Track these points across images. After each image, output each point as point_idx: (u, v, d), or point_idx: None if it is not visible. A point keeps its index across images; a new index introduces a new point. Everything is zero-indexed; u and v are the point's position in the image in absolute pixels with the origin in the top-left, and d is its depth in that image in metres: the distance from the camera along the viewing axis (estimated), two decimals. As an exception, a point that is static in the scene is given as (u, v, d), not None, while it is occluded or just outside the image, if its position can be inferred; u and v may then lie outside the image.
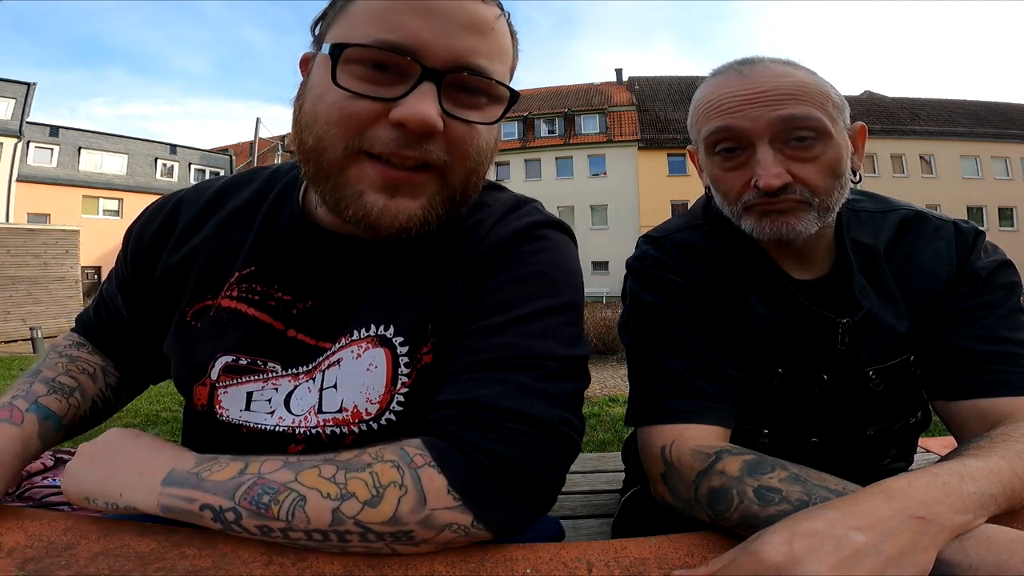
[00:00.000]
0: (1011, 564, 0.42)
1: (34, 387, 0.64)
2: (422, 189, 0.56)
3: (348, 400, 0.61)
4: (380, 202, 0.54)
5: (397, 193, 0.55)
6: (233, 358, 0.63)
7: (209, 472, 0.49)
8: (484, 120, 0.57)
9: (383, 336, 0.61)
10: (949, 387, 0.72)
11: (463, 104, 0.55)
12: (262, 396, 0.63)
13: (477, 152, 0.57)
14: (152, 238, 0.70)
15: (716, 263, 0.79)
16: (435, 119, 0.52)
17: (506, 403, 0.52)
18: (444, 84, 0.53)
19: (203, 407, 0.65)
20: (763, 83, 0.70)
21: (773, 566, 0.42)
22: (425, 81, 0.52)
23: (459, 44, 0.53)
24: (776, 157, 0.70)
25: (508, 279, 0.61)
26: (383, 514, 0.46)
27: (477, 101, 0.56)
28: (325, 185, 0.56)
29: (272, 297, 0.64)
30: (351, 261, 0.64)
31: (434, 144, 0.54)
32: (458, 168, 0.57)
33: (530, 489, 0.51)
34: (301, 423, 0.62)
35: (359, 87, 0.52)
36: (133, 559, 0.46)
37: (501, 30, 0.58)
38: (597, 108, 27.80)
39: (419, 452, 0.50)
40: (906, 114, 26.88)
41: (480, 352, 0.56)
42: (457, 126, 0.55)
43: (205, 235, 0.67)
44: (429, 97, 0.52)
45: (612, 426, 3.67)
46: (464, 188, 0.59)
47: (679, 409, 0.69)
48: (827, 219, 0.73)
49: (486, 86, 0.56)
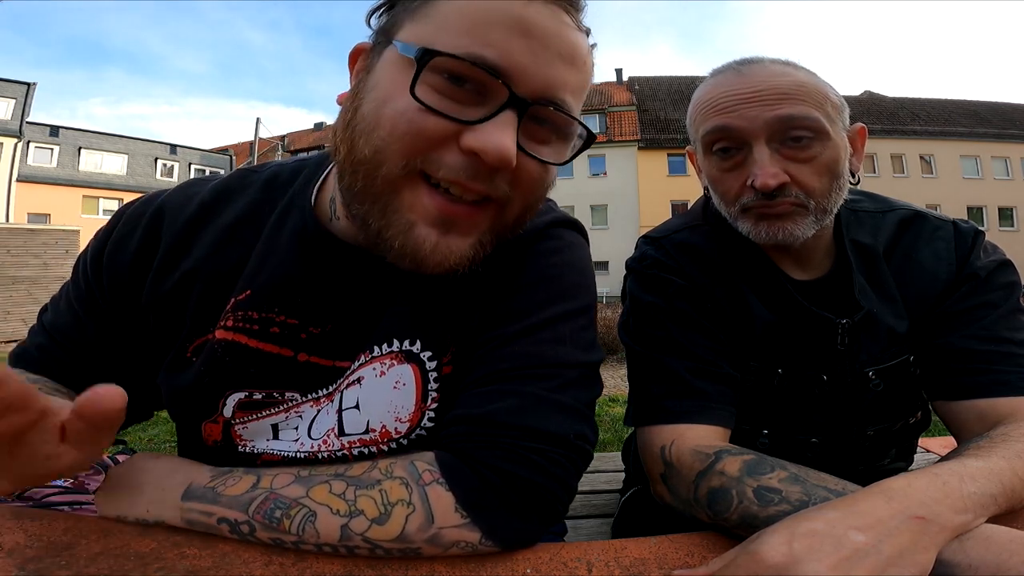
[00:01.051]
0: (1011, 564, 0.42)
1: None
2: (476, 227, 0.51)
3: (375, 420, 0.57)
4: (432, 238, 0.49)
5: (451, 230, 0.49)
6: (246, 394, 0.58)
7: (224, 487, 0.50)
8: (556, 159, 0.53)
9: (409, 351, 0.57)
10: (949, 387, 0.72)
11: (536, 138, 0.51)
12: (288, 425, 0.59)
13: (538, 187, 0.53)
14: (134, 256, 0.60)
15: (716, 264, 0.79)
16: (513, 153, 0.46)
17: (519, 419, 0.51)
18: (526, 116, 0.48)
19: (216, 443, 0.60)
20: (761, 83, 0.70)
21: (773, 566, 0.42)
22: (508, 109, 0.47)
23: (553, 74, 0.48)
24: (772, 157, 0.69)
25: (523, 282, 0.59)
26: (390, 532, 0.47)
27: (550, 136, 0.52)
28: (372, 206, 0.49)
29: (273, 323, 0.57)
30: (370, 277, 0.58)
31: (501, 178, 0.49)
32: (518, 204, 0.52)
33: (540, 506, 0.51)
34: (321, 447, 0.58)
35: (436, 101, 0.46)
36: (133, 559, 0.46)
37: (590, 63, 0.53)
38: (597, 108, 27.78)
39: (428, 468, 0.50)
40: (906, 114, 26.88)
41: (496, 362, 0.55)
42: (529, 163, 0.50)
43: (200, 255, 0.59)
44: (509, 128, 0.47)
45: (612, 426, 3.67)
46: (516, 225, 0.55)
47: (679, 409, 0.69)
48: (824, 221, 0.73)
49: (564, 123, 0.52)
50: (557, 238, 0.63)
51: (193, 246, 0.60)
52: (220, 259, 0.59)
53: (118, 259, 0.60)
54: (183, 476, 0.52)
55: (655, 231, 0.86)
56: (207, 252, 0.59)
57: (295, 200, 0.61)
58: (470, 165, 0.47)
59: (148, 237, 0.60)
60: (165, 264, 0.59)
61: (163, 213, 0.61)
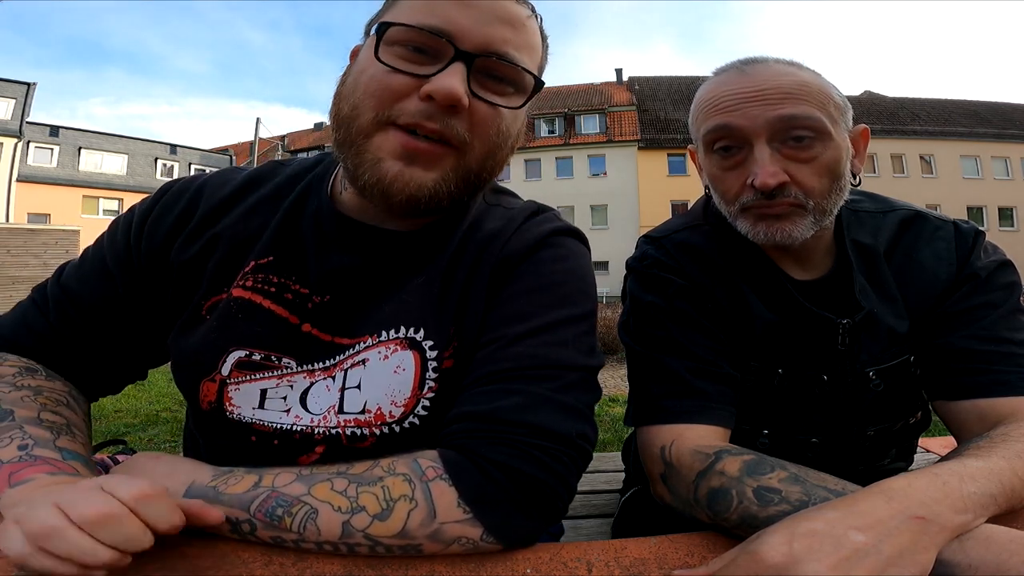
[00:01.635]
0: (1011, 564, 0.43)
1: (33, 431, 0.52)
2: (438, 163, 0.57)
3: (372, 402, 0.60)
4: (395, 168, 0.56)
5: (414, 162, 0.56)
6: (246, 353, 0.62)
7: (225, 485, 0.50)
8: (509, 105, 0.60)
9: (412, 339, 0.61)
10: (949, 387, 0.72)
11: (490, 89, 0.58)
12: (277, 394, 0.62)
13: (497, 134, 0.60)
14: (172, 225, 0.66)
15: (716, 263, 0.78)
16: (460, 93, 0.54)
17: (524, 416, 0.52)
18: (474, 67, 0.56)
19: (211, 404, 0.63)
20: (763, 82, 0.70)
21: (773, 566, 0.42)
22: (457, 61, 0.55)
23: (492, 32, 0.57)
24: (773, 156, 0.69)
25: (527, 288, 0.61)
26: (392, 528, 0.47)
27: (504, 88, 0.60)
28: (349, 151, 0.58)
29: (289, 290, 0.63)
30: (375, 252, 0.64)
31: (457, 120, 0.56)
32: (478, 147, 0.59)
33: (543, 503, 0.51)
34: (320, 422, 0.61)
35: (398, 63, 0.56)
36: (132, 558, 0.46)
37: (532, 28, 0.61)
38: (597, 108, 27.80)
39: (432, 465, 0.51)
40: (906, 114, 26.88)
41: (499, 362, 0.57)
42: (481, 106, 0.58)
43: (227, 223, 0.66)
44: (458, 75, 0.55)
45: (612, 426, 3.67)
46: (480, 169, 0.61)
47: (679, 409, 0.69)
48: (823, 222, 0.73)
49: (513, 74, 0.59)
50: (559, 246, 0.66)
51: (224, 217, 0.67)
52: (243, 227, 0.65)
53: (159, 226, 0.66)
54: (184, 475, 0.52)
55: (655, 231, 0.86)
56: (233, 221, 0.66)
57: (313, 183, 0.69)
58: (427, 108, 0.55)
59: (187, 209, 0.67)
60: (195, 231, 0.66)
61: (204, 188, 0.69)
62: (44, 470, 0.47)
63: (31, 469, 0.47)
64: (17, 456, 0.48)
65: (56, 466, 0.48)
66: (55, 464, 0.49)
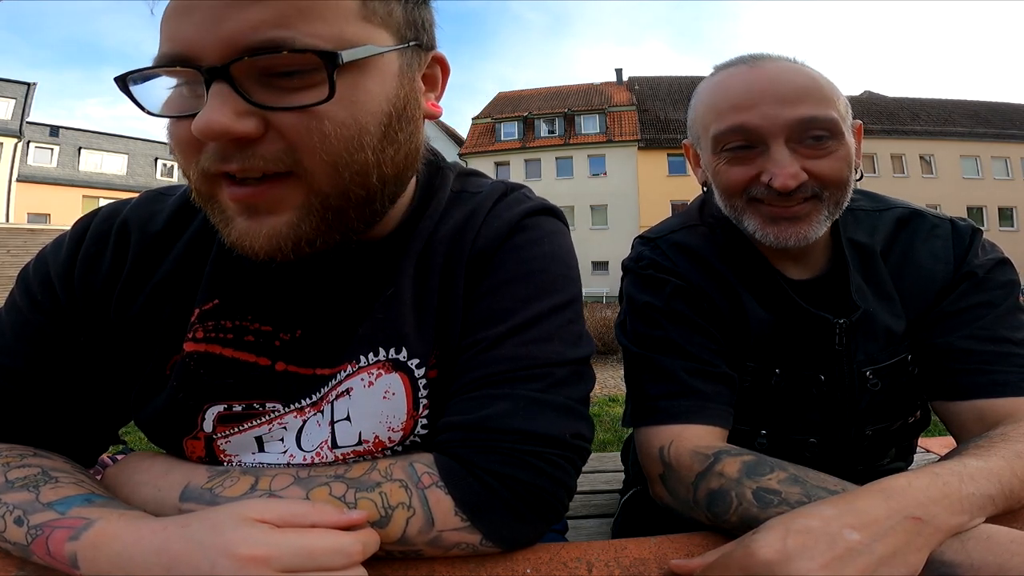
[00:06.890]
0: (1012, 564, 0.43)
1: (9, 498, 0.48)
2: (281, 204, 0.47)
3: (367, 432, 0.56)
4: (243, 224, 0.47)
5: (255, 213, 0.47)
6: (225, 407, 0.56)
7: (222, 488, 0.50)
8: (316, 99, 0.44)
9: (396, 360, 0.56)
10: (947, 387, 0.72)
11: (282, 88, 0.44)
12: (272, 437, 0.57)
13: (323, 140, 0.45)
14: (105, 279, 0.57)
15: (712, 263, 0.78)
16: (221, 125, 0.42)
17: (514, 423, 0.51)
18: (240, 78, 0.43)
19: (201, 459, 0.58)
20: (776, 79, 0.69)
21: (766, 563, 0.42)
22: (214, 83, 0.43)
23: (226, 28, 0.42)
24: (791, 156, 0.69)
25: (505, 279, 0.58)
26: (391, 535, 0.47)
27: (295, 83, 0.44)
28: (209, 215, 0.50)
29: (248, 331, 0.56)
30: (332, 271, 0.57)
31: (265, 148, 0.45)
32: (316, 167, 0.46)
33: (541, 508, 0.51)
34: (314, 459, 0.57)
35: (173, 109, 0.46)
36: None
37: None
38: (597, 108, 27.77)
39: (427, 470, 0.50)
40: (906, 114, 26.86)
41: (483, 367, 0.54)
42: (285, 117, 0.44)
43: (164, 275, 0.57)
44: (218, 100, 0.42)
45: (612, 426, 3.67)
46: (342, 191, 0.48)
47: (676, 409, 0.69)
48: (835, 216, 0.72)
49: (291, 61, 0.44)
50: (533, 228, 0.61)
51: (159, 265, 0.58)
52: (181, 271, 0.57)
53: (91, 278, 0.57)
54: (180, 476, 0.52)
55: (651, 231, 0.85)
56: (170, 270, 0.57)
57: None
58: (217, 150, 0.45)
59: (116, 255, 0.58)
60: (132, 281, 0.57)
61: (127, 229, 0.59)
62: (65, 535, 0.44)
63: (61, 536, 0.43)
64: (26, 536, 0.45)
65: (67, 526, 0.44)
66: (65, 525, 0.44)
